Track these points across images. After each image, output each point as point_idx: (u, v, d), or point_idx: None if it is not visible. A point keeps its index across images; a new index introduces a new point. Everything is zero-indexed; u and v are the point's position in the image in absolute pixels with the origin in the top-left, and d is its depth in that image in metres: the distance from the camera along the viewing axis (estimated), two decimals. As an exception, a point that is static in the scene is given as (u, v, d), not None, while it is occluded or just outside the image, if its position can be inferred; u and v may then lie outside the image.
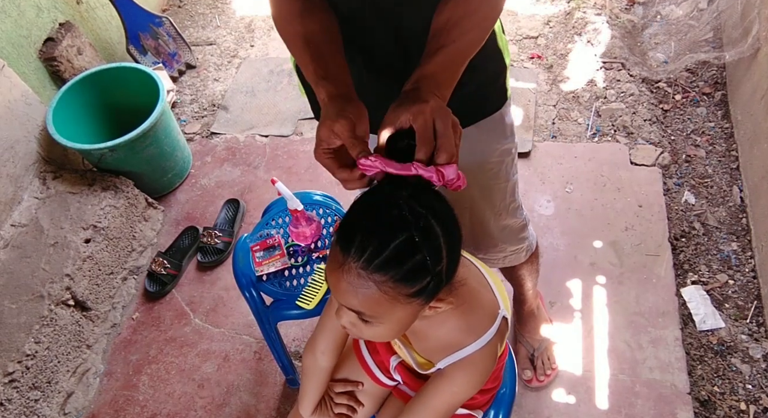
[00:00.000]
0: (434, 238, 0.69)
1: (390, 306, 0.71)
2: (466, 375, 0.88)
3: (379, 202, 0.70)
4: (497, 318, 0.89)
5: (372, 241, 0.67)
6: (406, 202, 0.68)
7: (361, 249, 0.67)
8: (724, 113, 2.14)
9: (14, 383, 1.56)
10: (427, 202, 0.70)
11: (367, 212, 0.71)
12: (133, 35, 2.39)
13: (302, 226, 1.36)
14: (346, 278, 0.69)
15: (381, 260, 0.67)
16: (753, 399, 1.56)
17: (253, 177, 2.24)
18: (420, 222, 0.68)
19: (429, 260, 0.68)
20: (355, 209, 0.72)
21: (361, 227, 0.69)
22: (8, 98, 1.80)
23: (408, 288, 0.69)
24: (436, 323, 0.87)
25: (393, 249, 0.67)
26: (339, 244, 0.70)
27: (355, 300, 0.71)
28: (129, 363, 1.83)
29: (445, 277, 0.73)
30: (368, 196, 0.72)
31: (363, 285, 0.69)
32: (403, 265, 0.67)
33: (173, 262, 1.97)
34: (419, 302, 0.72)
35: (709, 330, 1.68)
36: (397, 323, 0.76)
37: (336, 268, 0.70)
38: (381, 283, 0.68)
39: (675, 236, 1.87)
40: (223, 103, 2.50)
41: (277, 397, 1.70)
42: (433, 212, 0.69)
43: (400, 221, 0.67)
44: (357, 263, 0.68)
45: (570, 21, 2.55)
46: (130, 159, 1.99)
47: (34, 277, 1.71)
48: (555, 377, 1.63)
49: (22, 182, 1.86)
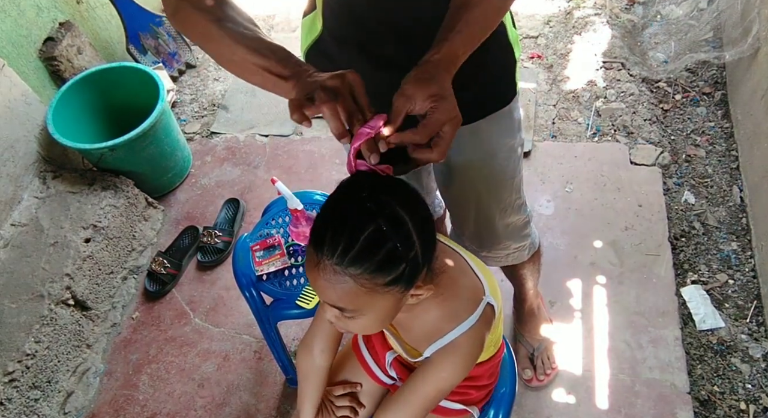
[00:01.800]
0: (402, 224, 0.70)
1: (369, 298, 0.72)
2: (450, 361, 0.89)
3: (344, 200, 0.72)
4: (480, 304, 0.89)
5: (342, 236, 0.69)
6: (369, 195, 0.70)
7: (333, 246, 0.69)
8: (724, 113, 2.14)
9: (14, 382, 1.56)
10: (389, 191, 0.72)
11: (334, 211, 0.72)
12: (133, 35, 2.39)
13: (302, 225, 1.36)
14: (323, 276, 0.71)
15: (353, 254, 0.68)
16: (753, 399, 1.57)
17: (253, 177, 2.24)
18: (385, 211, 0.70)
19: (400, 246, 0.70)
20: (324, 210, 0.74)
21: (330, 225, 0.70)
22: (8, 98, 1.80)
23: (384, 277, 0.70)
24: (419, 312, 0.88)
25: (363, 241, 0.68)
26: (312, 244, 0.72)
27: (334, 296, 0.73)
28: (129, 363, 1.83)
29: (421, 261, 0.74)
30: (334, 197, 0.74)
31: (340, 281, 0.70)
32: (375, 255, 0.69)
33: (173, 261, 1.97)
34: (398, 290, 0.73)
35: (709, 330, 1.68)
36: (380, 314, 0.77)
37: (312, 267, 0.72)
38: (357, 276, 0.70)
39: (675, 235, 1.87)
40: (223, 102, 2.50)
41: (277, 396, 1.70)
42: (397, 199, 0.71)
43: (366, 214, 0.69)
44: (331, 259, 0.69)
45: (570, 21, 2.55)
46: (130, 159, 1.99)
47: (34, 276, 1.71)
48: (555, 377, 1.63)
49: (22, 182, 1.86)
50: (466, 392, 1.07)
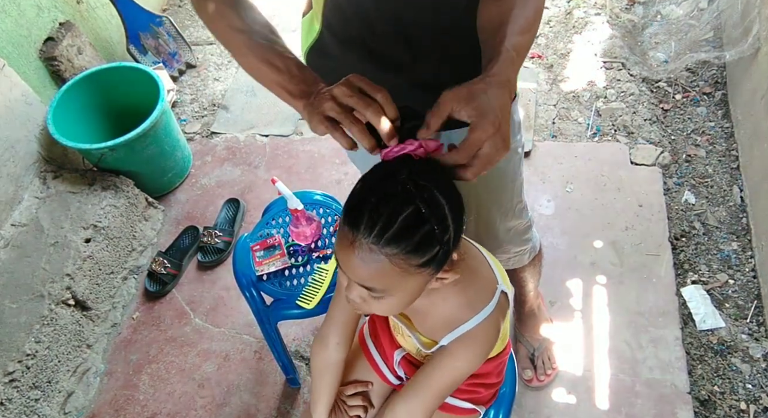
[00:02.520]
0: (440, 208, 0.71)
1: (401, 278, 0.73)
2: (468, 350, 0.90)
3: (382, 181, 0.72)
4: (496, 292, 0.90)
5: (380, 215, 0.69)
6: (408, 177, 0.70)
7: (371, 225, 0.69)
8: (724, 113, 2.14)
9: (14, 382, 1.56)
10: (427, 175, 0.72)
11: (371, 190, 0.72)
12: (134, 35, 2.39)
13: (302, 225, 1.36)
14: (358, 255, 0.71)
15: (391, 234, 0.69)
16: (753, 399, 1.57)
17: (253, 177, 2.24)
18: (424, 194, 0.70)
19: (437, 229, 0.70)
20: (359, 189, 0.74)
21: (368, 204, 0.70)
22: (8, 98, 1.80)
23: (418, 258, 0.71)
24: (438, 300, 0.88)
25: (402, 221, 0.69)
26: (347, 222, 0.72)
27: (366, 275, 0.73)
28: (129, 363, 1.83)
29: (452, 246, 0.75)
30: (369, 177, 0.74)
31: (375, 260, 0.71)
32: (412, 236, 0.69)
33: (173, 261, 1.97)
34: (429, 272, 0.74)
35: (709, 330, 1.68)
36: (407, 295, 0.78)
37: (347, 246, 0.72)
38: (392, 256, 0.70)
39: (675, 235, 1.87)
40: (224, 102, 2.50)
41: (277, 397, 1.70)
42: (434, 183, 0.71)
43: (405, 195, 0.70)
44: (368, 238, 0.69)
45: (570, 21, 2.55)
46: (130, 159, 1.99)
47: (34, 276, 1.71)
48: (555, 377, 1.64)
49: (23, 182, 1.86)
50: (476, 391, 1.08)
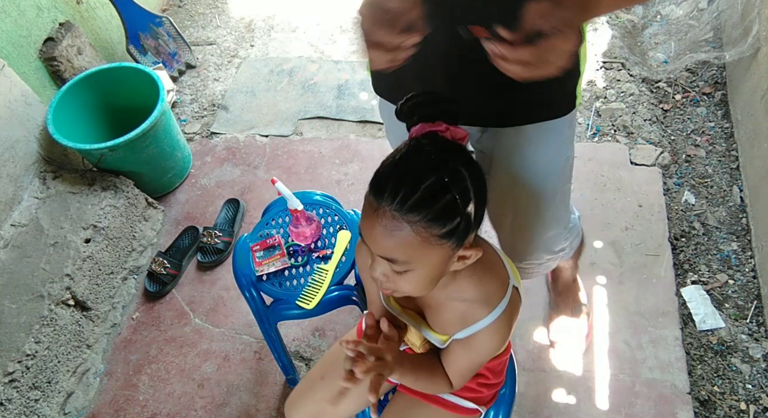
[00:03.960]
0: (462, 179, 0.73)
1: (422, 250, 0.74)
2: (483, 344, 0.91)
3: (407, 153, 0.74)
4: (509, 288, 0.91)
5: (404, 183, 0.71)
6: (433, 149, 0.73)
7: (394, 192, 0.71)
8: (724, 113, 2.14)
9: (14, 382, 1.56)
10: (453, 150, 0.74)
11: (396, 162, 0.74)
12: (133, 35, 2.39)
13: (302, 226, 1.36)
14: (381, 222, 0.73)
15: (413, 201, 0.70)
16: (753, 399, 1.57)
17: (253, 177, 2.24)
18: (448, 165, 0.72)
19: (459, 199, 0.72)
20: (387, 160, 0.76)
21: (392, 174, 0.73)
22: (8, 98, 1.80)
23: (439, 228, 0.72)
24: (455, 292, 0.89)
25: (424, 189, 0.70)
26: (372, 192, 0.74)
27: (389, 244, 0.74)
28: (129, 363, 1.83)
29: (474, 220, 0.76)
30: (397, 150, 0.76)
31: (397, 227, 0.72)
32: (434, 204, 0.71)
33: (173, 262, 1.97)
34: (450, 245, 0.75)
35: (709, 330, 1.68)
36: (430, 270, 0.78)
37: (370, 214, 0.74)
38: (414, 223, 0.71)
39: (675, 235, 1.87)
40: (223, 103, 2.50)
41: (277, 397, 1.70)
42: (457, 156, 0.74)
43: (428, 165, 0.72)
44: (390, 205, 0.71)
45: (570, 21, 2.55)
46: (130, 159, 1.99)
47: (34, 277, 1.71)
48: (589, 344, 1.66)
49: (22, 182, 1.87)
50: (479, 390, 1.08)
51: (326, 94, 2.46)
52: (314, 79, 2.53)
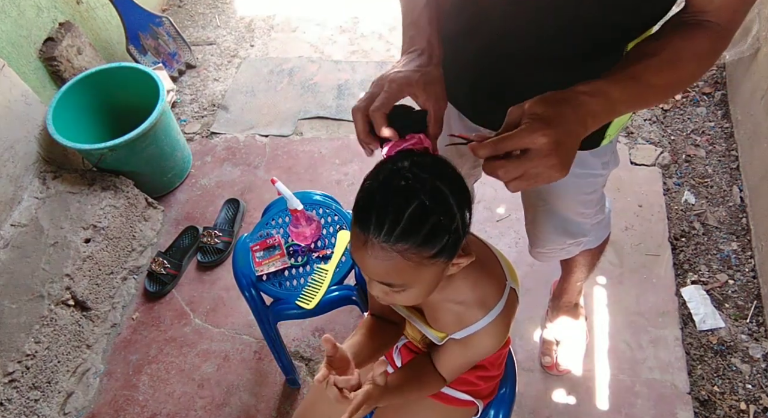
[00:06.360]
0: (444, 198, 0.72)
1: (416, 271, 0.75)
2: (479, 344, 0.92)
3: (385, 178, 0.74)
4: (505, 290, 0.91)
5: (387, 214, 0.71)
6: (409, 171, 0.72)
7: (379, 224, 0.71)
8: (724, 113, 2.14)
9: (14, 383, 1.56)
10: (428, 166, 0.74)
11: (376, 189, 0.74)
12: (133, 35, 2.39)
13: (302, 226, 1.36)
14: (371, 254, 0.73)
15: (400, 231, 0.70)
16: (753, 399, 1.56)
17: (253, 177, 2.24)
18: (426, 186, 0.71)
19: (443, 219, 0.72)
20: (365, 189, 0.76)
21: (374, 204, 0.72)
22: (8, 98, 1.80)
23: (429, 250, 0.72)
24: (451, 294, 0.90)
25: (408, 217, 0.70)
26: (357, 224, 0.74)
27: (383, 272, 0.75)
28: (129, 363, 1.83)
29: (462, 231, 0.76)
30: (374, 175, 0.76)
31: (387, 257, 0.72)
32: (420, 230, 0.71)
33: (173, 262, 1.97)
34: (442, 260, 0.76)
35: (709, 330, 1.68)
36: (426, 285, 0.80)
37: (360, 247, 0.74)
38: (404, 251, 0.72)
39: (675, 235, 1.87)
40: (223, 103, 2.50)
41: (277, 397, 1.70)
42: (436, 173, 0.73)
43: (408, 190, 0.71)
44: (378, 237, 0.71)
45: (570, 21, 2.54)
46: (130, 159, 1.99)
47: (34, 277, 1.71)
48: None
49: (22, 182, 1.86)
50: (476, 383, 1.09)
51: (326, 94, 2.46)
52: (314, 79, 2.53)
